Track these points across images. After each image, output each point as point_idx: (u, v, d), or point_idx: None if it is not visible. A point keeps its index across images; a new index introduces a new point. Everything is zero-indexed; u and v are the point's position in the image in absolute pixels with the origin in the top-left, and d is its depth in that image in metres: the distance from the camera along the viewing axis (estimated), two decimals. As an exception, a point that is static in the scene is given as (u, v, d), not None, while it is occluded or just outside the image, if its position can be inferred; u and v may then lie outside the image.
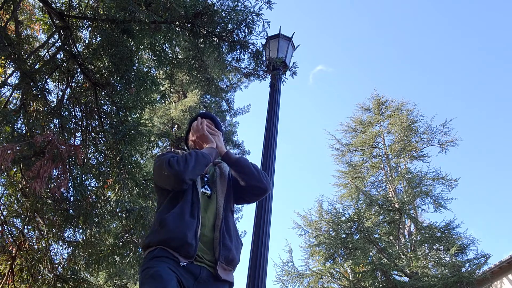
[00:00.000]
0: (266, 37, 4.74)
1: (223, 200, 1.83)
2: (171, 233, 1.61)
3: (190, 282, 1.58)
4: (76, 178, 3.96)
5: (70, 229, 4.42)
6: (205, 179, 1.89)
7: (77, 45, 4.37)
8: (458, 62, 31.29)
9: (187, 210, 1.68)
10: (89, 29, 4.36)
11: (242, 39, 4.12)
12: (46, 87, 4.25)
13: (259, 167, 3.90)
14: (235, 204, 1.97)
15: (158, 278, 1.50)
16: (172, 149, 2.14)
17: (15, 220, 4.56)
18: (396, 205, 10.00)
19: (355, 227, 9.28)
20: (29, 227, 4.55)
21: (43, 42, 4.45)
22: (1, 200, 4.46)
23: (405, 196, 10.61)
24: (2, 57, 3.76)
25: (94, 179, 4.31)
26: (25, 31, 4.87)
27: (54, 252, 4.78)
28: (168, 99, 4.86)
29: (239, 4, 3.99)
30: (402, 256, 9.39)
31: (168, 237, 1.60)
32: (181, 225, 1.62)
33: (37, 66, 4.17)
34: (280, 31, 4.80)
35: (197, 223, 1.66)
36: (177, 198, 1.75)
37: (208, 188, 1.86)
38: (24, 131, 3.87)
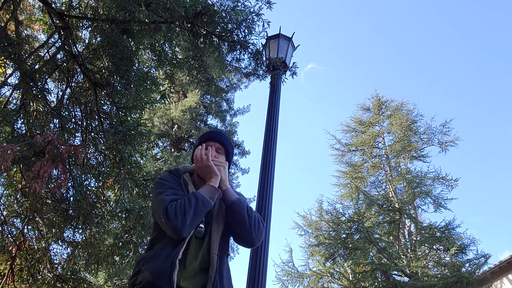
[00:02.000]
0: (266, 37, 4.74)
1: (218, 243, 1.68)
2: (150, 276, 1.53)
3: None
4: (76, 178, 3.96)
5: (70, 229, 4.43)
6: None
7: (77, 45, 4.37)
8: (458, 62, 31.31)
9: (167, 250, 1.59)
10: (89, 29, 4.36)
11: (242, 39, 4.12)
12: (46, 87, 4.25)
13: (259, 166, 3.91)
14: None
15: None
16: (172, 170, 1.95)
17: (15, 220, 4.56)
18: (396, 205, 10.00)
19: (355, 227, 9.28)
20: (29, 227, 4.55)
21: (43, 42, 4.45)
22: (1, 200, 4.46)
23: (405, 196, 10.61)
24: (2, 57, 3.75)
25: (94, 179, 4.31)
26: (25, 31, 4.87)
27: (53, 252, 4.79)
28: (168, 99, 4.86)
29: (239, 4, 3.99)
30: (402, 256, 9.39)
31: (147, 280, 1.53)
32: (157, 268, 1.54)
33: (37, 66, 4.17)
34: (280, 31, 4.80)
35: (173, 267, 1.53)
36: (165, 235, 1.65)
37: (203, 228, 1.70)
38: (24, 131, 3.87)
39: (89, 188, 4.08)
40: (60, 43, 4.24)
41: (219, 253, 1.65)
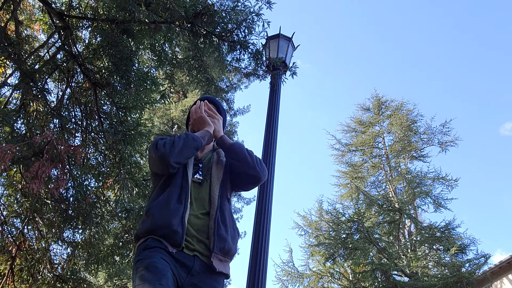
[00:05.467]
0: (266, 37, 4.73)
1: (219, 187, 1.75)
2: (156, 222, 1.57)
3: (183, 275, 1.52)
4: (76, 178, 3.96)
5: (70, 230, 4.43)
6: (200, 165, 1.81)
7: (77, 45, 4.37)
8: (458, 62, 31.32)
9: (174, 196, 1.63)
10: (89, 29, 4.36)
11: (242, 39, 4.12)
12: (46, 87, 4.25)
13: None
14: (232, 191, 1.89)
15: (153, 269, 1.43)
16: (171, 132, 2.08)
17: (15, 220, 4.56)
18: (396, 205, 10.00)
19: (355, 227, 9.28)
20: (29, 227, 4.55)
21: (43, 42, 4.45)
22: (1, 200, 4.47)
23: (405, 196, 10.61)
24: (2, 57, 3.75)
25: (94, 179, 4.31)
26: (25, 31, 4.87)
27: (53, 252, 4.79)
28: (168, 99, 4.86)
29: (239, 4, 3.99)
30: (402, 256, 9.39)
31: (154, 226, 1.57)
32: (166, 213, 1.58)
33: (37, 66, 4.17)
34: (280, 31, 4.80)
35: (184, 208, 1.61)
36: (166, 184, 1.70)
37: (201, 175, 1.78)
38: (24, 131, 3.87)
39: (89, 188, 4.08)
40: (60, 43, 4.24)
41: (219, 194, 1.72)
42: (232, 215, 1.79)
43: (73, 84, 4.41)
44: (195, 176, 1.75)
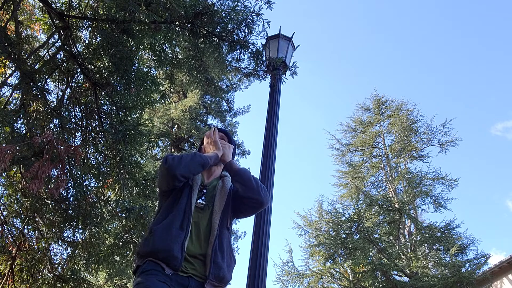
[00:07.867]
0: (266, 37, 4.73)
1: (220, 215, 1.86)
2: (158, 245, 1.67)
3: None
4: (76, 178, 3.96)
5: (70, 229, 4.43)
6: (204, 191, 1.94)
7: (77, 45, 4.37)
8: (458, 62, 31.31)
9: (177, 222, 1.75)
10: (89, 29, 4.36)
11: (242, 39, 4.12)
12: (46, 87, 4.25)
13: (259, 166, 3.91)
14: (233, 219, 2.01)
15: None
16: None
17: (15, 220, 4.56)
18: (396, 205, 9.99)
19: (355, 227, 9.27)
20: (29, 227, 4.55)
21: (43, 42, 4.45)
22: (1, 200, 4.47)
23: (405, 196, 10.61)
24: (2, 57, 3.75)
25: (94, 179, 4.31)
26: (25, 31, 4.87)
27: (53, 252, 4.79)
28: (168, 99, 4.86)
29: (239, 4, 3.99)
30: (402, 256, 9.39)
31: (155, 249, 1.67)
32: (167, 238, 1.69)
33: (37, 66, 4.17)
34: (280, 31, 4.80)
35: (185, 235, 1.72)
36: (171, 206, 1.83)
37: (204, 200, 1.90)
38: (24, 131, 3.87)
39: (89, 188, 4.08)
40: (60, 43, 4.24)
41: (219, 223, 1.83)
42: (230, 243, 1.89)
43: (73, 84, 4.41)
44: (198, 201, 1.88)
